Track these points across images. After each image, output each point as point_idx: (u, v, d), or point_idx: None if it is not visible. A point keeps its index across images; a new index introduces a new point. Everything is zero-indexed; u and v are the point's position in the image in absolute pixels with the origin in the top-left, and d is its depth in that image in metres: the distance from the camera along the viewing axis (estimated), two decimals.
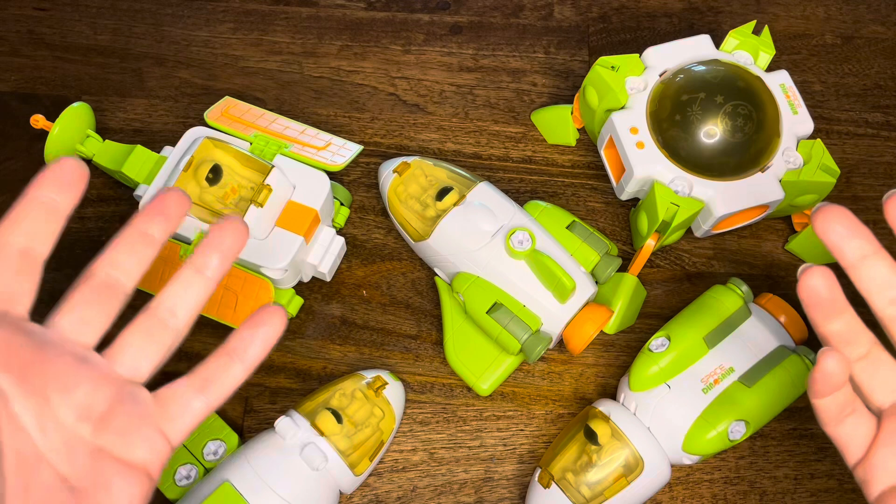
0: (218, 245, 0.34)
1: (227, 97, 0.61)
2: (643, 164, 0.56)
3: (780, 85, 0.58)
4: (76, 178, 0.32)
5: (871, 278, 0.36)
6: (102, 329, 0.32)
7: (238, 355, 0.33)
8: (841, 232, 0.36)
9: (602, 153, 0.60)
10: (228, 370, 0.33)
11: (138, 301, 0.57)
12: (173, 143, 0.57)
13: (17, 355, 0.29)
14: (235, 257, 0.34)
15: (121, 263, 0.33)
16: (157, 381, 0.42)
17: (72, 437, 0.29)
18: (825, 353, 0.34)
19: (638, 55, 0.59)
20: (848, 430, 0.36)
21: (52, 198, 0.32)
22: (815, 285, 0.35)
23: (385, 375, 0.54)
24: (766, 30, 0.60)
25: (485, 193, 0.56)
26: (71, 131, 0.58)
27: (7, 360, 0.28)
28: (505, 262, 0.54)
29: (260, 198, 0.52)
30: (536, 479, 0.52)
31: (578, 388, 0.57)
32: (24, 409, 0.28)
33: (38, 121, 0.58)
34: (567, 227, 0.56)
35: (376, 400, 0.52)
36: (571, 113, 0.63)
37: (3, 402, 0.28)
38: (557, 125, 0.64)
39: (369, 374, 0.54)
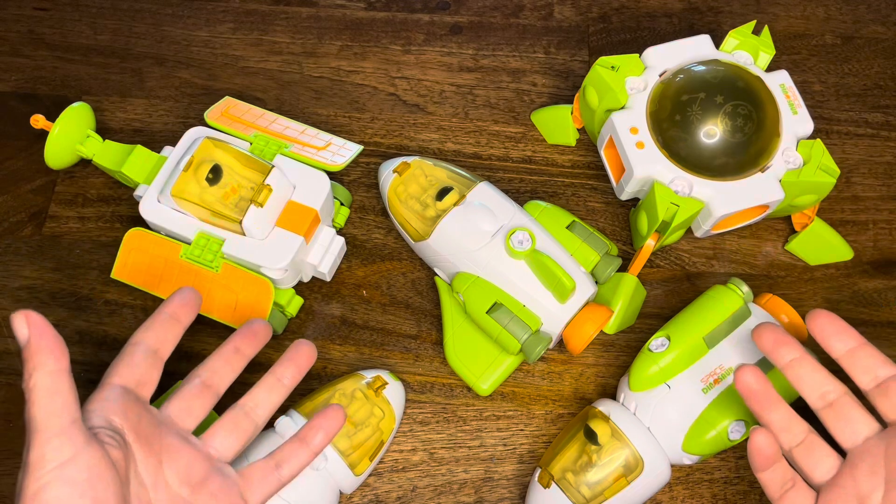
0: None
1: (227, 97, 0.61)
2: (643, 164, 0.56)
3: (780, 85, 0.58)
4: (196, 302, 0.44)
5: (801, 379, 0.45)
6: (200, 418, 0.42)
7: (307, 443, 0.44)
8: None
9: (602, 153, 0.60)
10: (298, 454, 0.43)
11: (138, 301, 0.57)
12: (173, 143, 0.57)
13: (144, 426, 0.38)
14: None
15: (217, 370, 0.44)
16: (162, 382, 0.42)
17: (174, 496, 0.39)
18: (754, 432, 0.43)
19: (638, 55, 0.59)
20: (791, 502, 0.43)
21: (177, 313, 0.43)
22: (748, 382, 0.44)
23: (385, 375, 0.54)
24: (766, 30, 0.60)
25: (485, 193, 0.56)
26: (71, 131, 0.58)
27: (137, 428, 0.38)
28: (505, 262, 0.54)
29: (260, 198, 0.52)
30: (536, 479, 0.52)
31: (578, 388, 0.57)
32: (144, 468, 0.38)
33: (38, 121, 0.59)
34: (567, 227, 0.56)
35: (376, 400, 0.52)
36: (571, 113, 0.63)
37: (132, 460, 0.37)
38: (557, 125, 0.64)
39: (369, 374, 0.54)
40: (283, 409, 0.52)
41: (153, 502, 0.38)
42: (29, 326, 0.35)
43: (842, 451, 0.44)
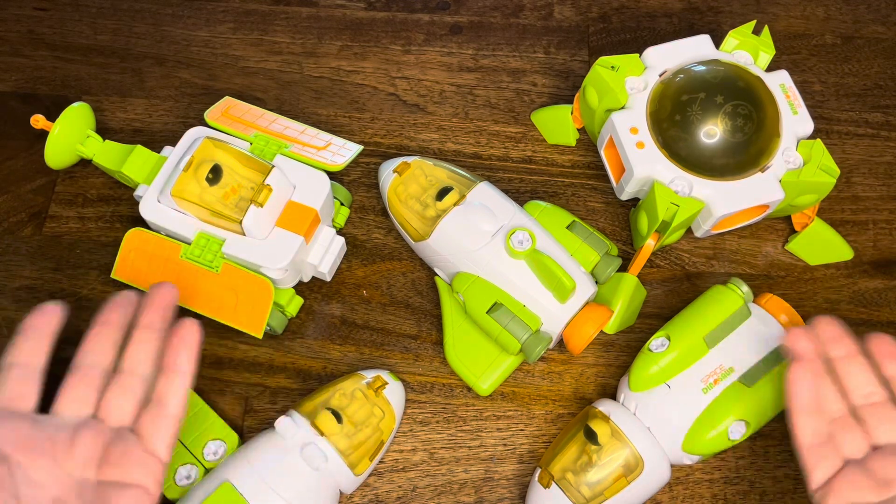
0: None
1: (227, 97, 0.61)
2: (643, 164, 0.56)
3: (780, 85, 0.58)
4: (53, 311, 0.44)
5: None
6: (94, 402, 0.42)
7: (175, 370, 0.43)
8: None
9: (602, 153, 0.60)
10: (173, 384, 0.43)
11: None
12: (173, 143, 0.57)
13: (23, 436, 0.39)
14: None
15: (95, 351, 0.43)
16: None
17: (80, 479, 0.39)
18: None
19: (638, 55, 0.59)
20: (817, 456, 0.43)
21: (37, 324, 0.43)
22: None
23: (385, 375, 0.54)
24: (766, 30, 0.60)
25: (485, 193, 0.56)
26: (71, 131, 0.58)
27: (16, 441, 0.39)
28: (505, 262, 0.54)
29: (260, 198, 0.52)
30: (536, 479, 0.52)
31: (578, 388, 0.57)
32: (35, 470, 0.38)
33: (38, 121, 0.58)
34: (567, 227, 0.56)
35: (376, 400, 0.52)
36: (571, 113, 0.63)
37: (19, 469, 0.38)
38: (557, 125, 0.64)
39: (369, 374, 0.54)
40: (282, 410, 0.52)
41: (57, 495, 0.38)
42: None
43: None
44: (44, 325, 0.43)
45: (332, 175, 0.58)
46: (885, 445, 0.43)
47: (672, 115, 0.56)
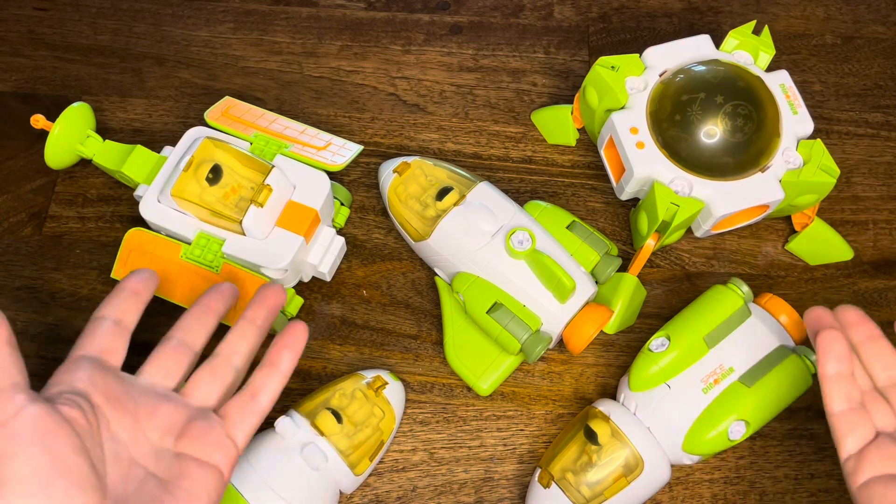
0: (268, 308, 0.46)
1: (227, 97, 0.61)
2: (643, 164, 0.56)
3: (780, 85, 0.58)
4: (153, 280, 0.45)
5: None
6: (178, 377, 0.42)
7: (276, 367, 0.44)
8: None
9: (602, 153, 0.60)
10: (270, 379, 0.43)
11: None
12: (173, 143, 0.57)
13: (112, 389, 0.39)
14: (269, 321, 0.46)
15: (191, 329, 0.44)
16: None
17: (158, 447, 0.39)
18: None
19: (638, 55, 0.59)
20: (850, 423, 0.42)
21: (136, 288, 0.44)
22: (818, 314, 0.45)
23: (385, 375, 0.54)
24: (766, 30, 0.60)
25: (485, 193, 0.56)
26: (71, 131, 0.58)
27: (105, 391, 0.39)
28: (505, 262, 0.54)
29: (260, 198, 0.52)
30: (536, 479, 0.52)
31: (578, 388, 0.57)
32: (119, 426, 0.38)
33: (38, 121, 0.58)
34: (567, 227, 0.56)
35: (376, 400, 0.52)
36: (571, 113, 0.63)
37: (105, 422, 0.38)
38: (557, 125, 0.64)
39: (369, 374, 0.54)
40: (282, 410, 0.52)
41: (135, 457, 0.38)
42: None
43: None
44: (141, 288, 0.43)
45: (332, 175, 0.58)
46: None
47: (672, 115, 0.56)
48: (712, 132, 0.55)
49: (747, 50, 0.60)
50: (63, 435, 0.35)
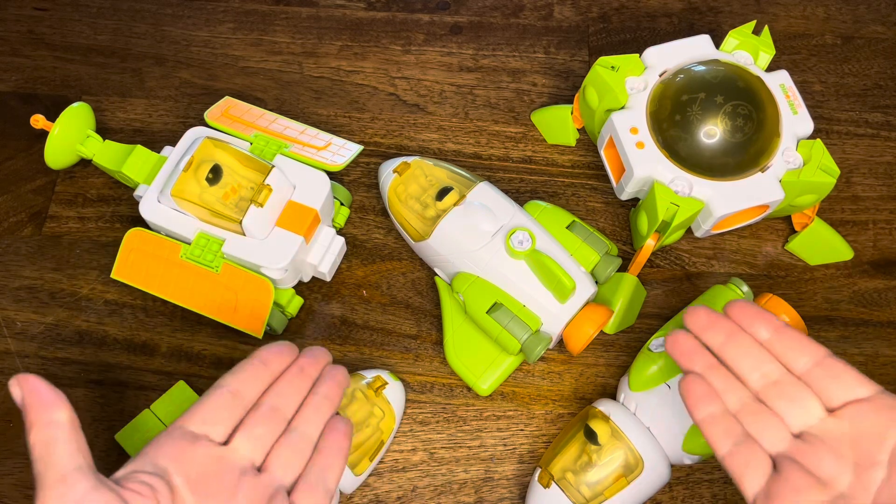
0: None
1: (227, 97, 0.61)
2: (643, 164, 0.56)
3: (780, 85, 0.58)
4: (290, 353, 0.45)
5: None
6: (267, 446, 0.42)
7: (339, 450, 0.43)
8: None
9: (602, 153, 0.60)
10: (336, 463, 0.43)
11: (138, 301, 0.57)
12: (173, 143, 0.57)
13: (197, 467, 0.39)
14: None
15: (285, 394, 0.43)
16: (163, 383, 0.42)
17: None
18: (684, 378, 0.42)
19: (638, 55, 0.59)
20: (741, 461, 0.40)
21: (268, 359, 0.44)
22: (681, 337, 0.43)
23: (385, 375, 0.54)
24: (766, 30, 0.60)
25: (485, 193, 0.56)
26: (71, 131, 0.58)
27: (188, 470, 0.38)
28: (505, 262, 0.54)
29: (260, 198, 0.52)
30: (536, 478, 0.52)
31: (578, 388, 0.57)
32: None
33: (38, 121, 0.58)
34: (567, 227, 0.56)
35: (376, 400, 0.52)
36: (571, 113, 0.63)
37: (179, 498, 0.37)
38: (557, 125, 0.64)
39: (369, 374, 0.54)
40: None
41: None
42: (21, 387, 0.36)
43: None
44: (275, 361, 0.43)
45: (332, 175, 0.58)
46: (803, 433, 0.40)
47: (672, 115, 0.56)
48: (712, 132, 0.55)
49: (747, 50, 0.60)
50: None
